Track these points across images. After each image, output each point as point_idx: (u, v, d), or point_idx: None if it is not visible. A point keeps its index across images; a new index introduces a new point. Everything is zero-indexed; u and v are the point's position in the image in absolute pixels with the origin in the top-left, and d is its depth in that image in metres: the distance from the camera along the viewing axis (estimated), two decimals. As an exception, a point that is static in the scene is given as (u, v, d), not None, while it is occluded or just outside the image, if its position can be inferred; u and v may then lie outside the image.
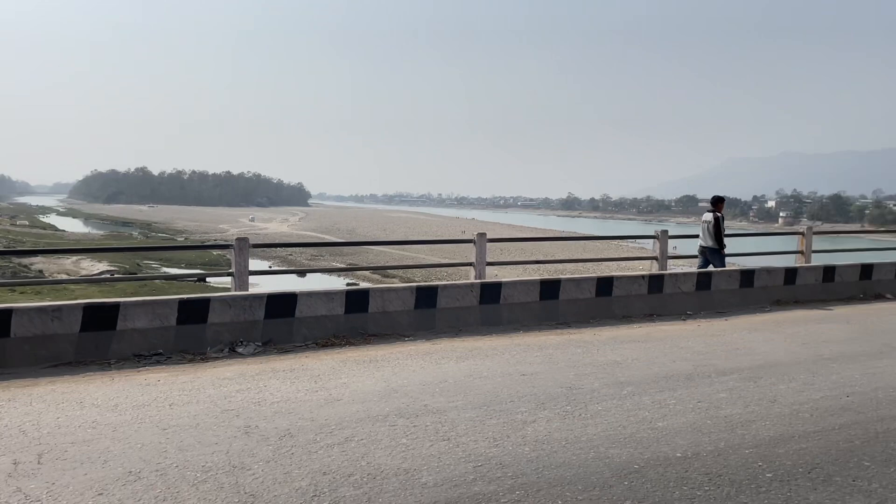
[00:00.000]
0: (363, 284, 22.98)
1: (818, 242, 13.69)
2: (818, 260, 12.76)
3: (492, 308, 8.79)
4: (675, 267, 15.02)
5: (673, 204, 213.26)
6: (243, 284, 8.42)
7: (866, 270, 11.47)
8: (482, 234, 10.14)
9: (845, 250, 15.72)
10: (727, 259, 11.63)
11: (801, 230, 13.12)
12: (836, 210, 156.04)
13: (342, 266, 40.38)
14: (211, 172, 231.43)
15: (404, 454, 4.21)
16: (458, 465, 4.06)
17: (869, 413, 5.08)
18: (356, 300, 8.01)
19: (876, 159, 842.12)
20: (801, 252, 12.62)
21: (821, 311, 9.92)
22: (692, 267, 12.19)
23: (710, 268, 11.09)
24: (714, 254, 11.36)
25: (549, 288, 9.17)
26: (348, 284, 27.92)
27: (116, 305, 6.86)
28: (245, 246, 8.48)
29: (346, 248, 55.60)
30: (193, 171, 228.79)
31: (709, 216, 11.53)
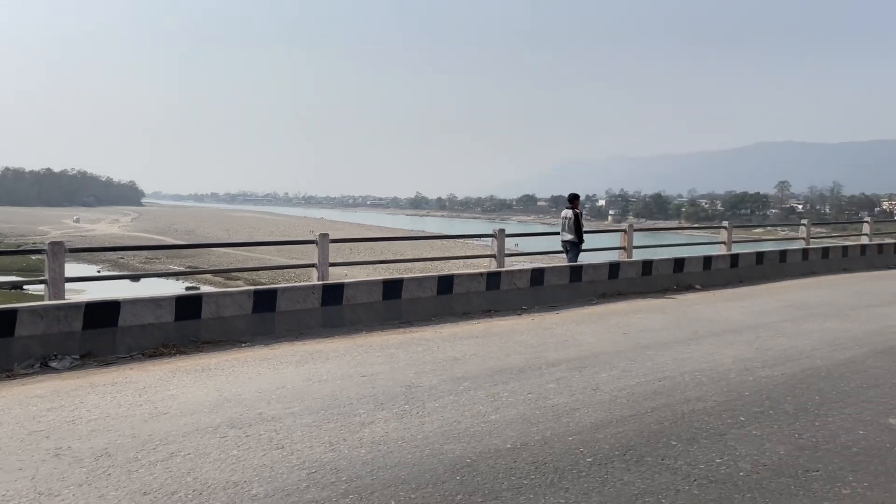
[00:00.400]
0: (204, 288, 21.89)
1: (642, 238, 14.84)
2: (640, 255, 13.84)
3: (334, 310, 8.70)
4: (519, 263, 15.66)
5: (514, 203, 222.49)
6: (59, 293, 7.71)
7: (679, 264, 12.60)
8: (325, 235, 9.99)
9: (664, 245, 17.13)
10: (584, 253, 12.46)
11: (623, 227, 14.14)
12: (658, 208, 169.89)
13: (181, 269, 38.21)
14: (28, 169, 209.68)
15: (234, 466, 4.05)
16: (291, 473, 3.96)
17: (677, 395, 5.57)
18: (188, 306, 7.60)
19: (690, 162, 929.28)
20: (623, 248, 13.61)
21: (640, 302, 10.76)
22: (535, 263, 12.80)
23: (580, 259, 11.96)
24: (574, 247, 12.17)
25: (392, 287, 9.22)
26: (187, 289, 26.49)
27: None
28: (60, 251, 7.77)
29: (185, 251, 52.61)
30: (7, 168, 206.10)
31: (569, 213, 12.26)
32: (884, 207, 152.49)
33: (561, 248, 12.56)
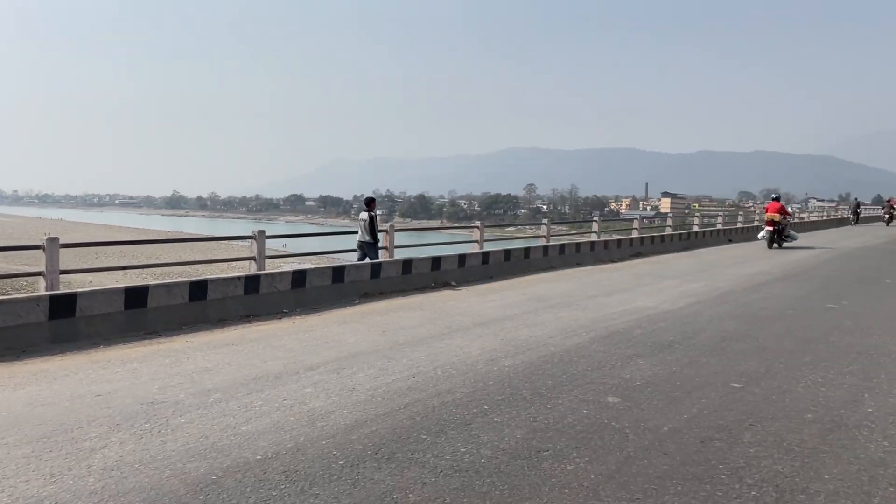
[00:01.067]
0: None
1: (406, 238, 15.27)
2: (403, 254, 14.25)
3: (66, 323, 7.79)
4: (288, 265, 15.24)
5: (282, 203, 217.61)
6: None
7: (436, 262, 13.19)
8: (53, 239, 8.88)
9: (428, 244, 17.80)
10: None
11: (385, 228, 14.46)
12: (422, 208, 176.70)
13: None
14: None
15: (-79, 517, 3.42)
16: (-2, 516, 3.45)
17: (429, 390, 5.79)
18: None
19: (451, 164, 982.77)
20: (385, 248, 13.91)
21: (401, 300, 11.08)
22: (304, 264, 12.64)
23: (367, 260, 12.82)
24: (370, 247, 13.18)
25: (136, 295, 8.48)
26: None
27: None
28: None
29: None
30: None
31: (365, 215, 13.37)
32: (612, 207, 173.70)
33: (353, 248, 13.55)
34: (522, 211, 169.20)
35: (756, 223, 32.53)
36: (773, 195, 27.26)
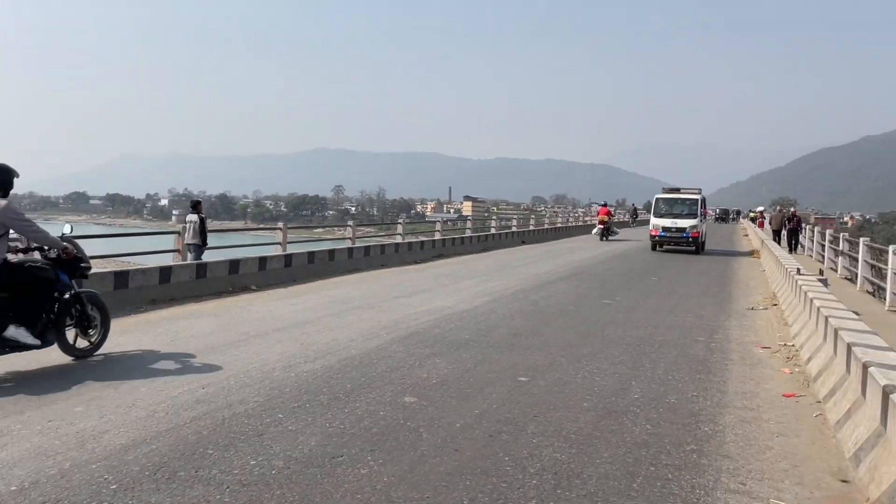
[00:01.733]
0: None
1: (211, 240, 14.32)
2: (206, 256, 13.46)
3: None
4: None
5: (61, 201, 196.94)
6: None
7: (234, 265, 12.61)
8: None
9: (230, 246, 16.90)
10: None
11: (177, 229, 13.57)
12: (224, 208, 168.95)
13: None
14: None
15: None
16: None
17: (220, 401, 5.48)
18: None
19: (255, 163, 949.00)
20: (177, 250, 13.05)
21: (194, 306, 10.42)
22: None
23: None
24: (198, 249, 13.52)
25: None
26: None
27: None
28: None
29: None
30: None
31: (194, 217, 13.82)
32: (418, 209, 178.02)
33: (146, 251, 14.44)
34: (331, 212, 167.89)
35: (546, 226, 35.03)
36: (602, 202, 36.24)
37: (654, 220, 24.87)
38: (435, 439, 4.71)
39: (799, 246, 26.76)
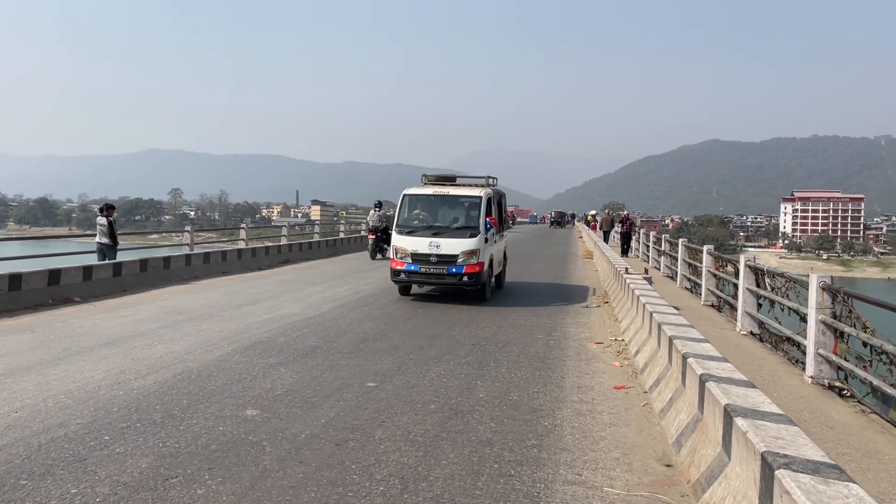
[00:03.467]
0: None
1: (21, 248, 12.96)
2: (12, 267, 12.10)
3: None
4: None
5: None
6: None
7: (55, 276, 11.49)
8: None
9: (53, 255, 15.19)
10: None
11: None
12: (44, 213, 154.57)
13: None
14: None
15: None
16: None
17: (36, 425, 4.96)
18: None
19: (79, 165, 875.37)
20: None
21: (7, 322, 9.38)
22: None
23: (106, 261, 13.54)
24: (110, 249, 14.07)
25: None
26: None
27: None
28: None
29: None
30: None
31: (103, 220, 14.16)
32: (263, 214, 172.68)
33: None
34: (168, 217, 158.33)
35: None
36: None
37: (396, 240, 12.50)
38: (278, 452, 4.54)
39: (631, 250, 27.11)
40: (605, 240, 28.98)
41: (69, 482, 3.97)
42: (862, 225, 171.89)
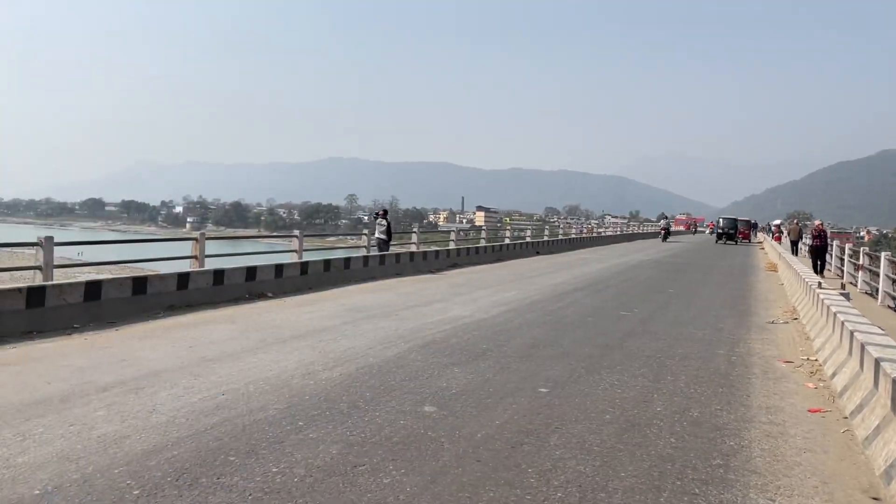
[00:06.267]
0: None
1: (219, 247, 14.47)
2: (215, 264, 13.46)
3: None
4: (84, 275, 13.79)
5: (77, 207, 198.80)
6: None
7: (251, 272, 12.62)
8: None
9: (243, 254, 16.97)
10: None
11: (195, 235, 13.61)
12: (237, 216, 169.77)
13: None
14: None
15: None
16: None
17: (240, 407, 5.47)
18: None
19: (268, 171, 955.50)
20: (195, 257, 13.09)
21: (211, 312, 10.44)
22: (102, 274, 11.55)
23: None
24: (385, 244, 18.17)
25: None
26: None
27: None
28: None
29: None
30: None
31: (384, 221, 18.88)
32: (430, 219, 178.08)
33: (158, 258, 14.57)
34: (344, 221, 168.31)
35: (560, 237, 34.89)
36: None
37: None
38: (456, 449, 4.66)
39: (826, 267, 22.55)
40: (794, 251, 26.75)
41: (270, 461, 4.34)
42: None
